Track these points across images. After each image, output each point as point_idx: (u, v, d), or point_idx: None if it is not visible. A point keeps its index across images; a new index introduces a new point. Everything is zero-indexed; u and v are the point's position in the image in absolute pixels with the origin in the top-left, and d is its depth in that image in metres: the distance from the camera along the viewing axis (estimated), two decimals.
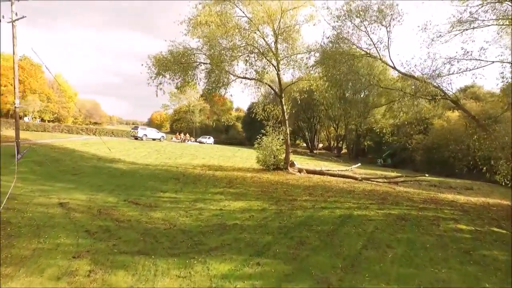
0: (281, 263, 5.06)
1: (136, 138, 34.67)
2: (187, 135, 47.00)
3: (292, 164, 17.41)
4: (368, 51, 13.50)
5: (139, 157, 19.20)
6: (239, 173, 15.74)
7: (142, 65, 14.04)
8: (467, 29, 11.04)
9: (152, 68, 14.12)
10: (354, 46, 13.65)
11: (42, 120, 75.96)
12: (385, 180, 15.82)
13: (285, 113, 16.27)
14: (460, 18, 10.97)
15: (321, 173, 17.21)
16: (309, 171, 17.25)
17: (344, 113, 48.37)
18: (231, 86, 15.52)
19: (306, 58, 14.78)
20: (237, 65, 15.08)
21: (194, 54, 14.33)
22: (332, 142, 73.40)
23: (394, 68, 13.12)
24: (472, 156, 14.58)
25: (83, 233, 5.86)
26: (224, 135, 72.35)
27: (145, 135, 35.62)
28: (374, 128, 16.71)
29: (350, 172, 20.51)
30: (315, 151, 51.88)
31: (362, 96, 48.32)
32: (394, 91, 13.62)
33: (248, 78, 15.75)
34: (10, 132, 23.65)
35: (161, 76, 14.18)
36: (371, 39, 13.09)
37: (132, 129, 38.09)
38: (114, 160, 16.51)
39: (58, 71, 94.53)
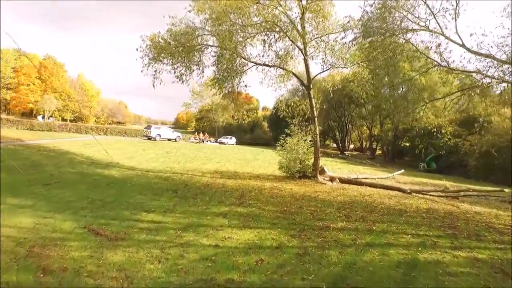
0: None
1: (149, 138, 33.07)
2: (206, 135, 45.03)
3: (322, 171, 14.66)
4: (426, 25, 10.48)
5: (143, 161, 17.16)
6: (256, 182, 13.23)
7: (137, 49, 11.89)
8: None
9: (147, 52, 11.88)
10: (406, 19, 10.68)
11: (63, 119, 77.37)
12: (442, 194, 12.72)
13: (314, 109, 13.56)
14: None
15: (358, 182, 14.35)
16: (343, 180, 14.44)
17: (382, 110, 44.59)
18: (245, 74, 13.02)
19: (342, 38, 11.99)
20: (253, 46, 12.49)
21: (200, 35, 11.94)
22: (364, 143, 69.61)
23: (463, 46, 10.01)
24: None
25: None
26: (249, 134, 70.68)
27: (159, 135, 33.95)
28: (430, 128, 13.59)
29: (392, 180, 17.47)
30: (346, 153, 48.31)
31: (400, 91, 44.71)
32: (466, 77, 10.58)
33: (268, 65, 13.19)
34: (10, 132, 22.62)
35: (157, 63, 11.92)
36: (429, 8, 10.11)
37: (144, 128, 36.52)
38: (109, 165, 14.50)
39: (80, 71, 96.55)
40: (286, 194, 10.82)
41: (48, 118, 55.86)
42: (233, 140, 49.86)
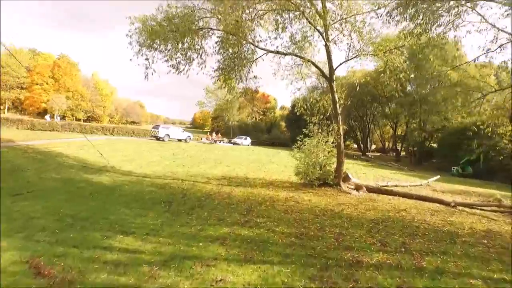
0: None
1: (157, 138, 31.85)
2: (219, 135, 43.60)
3: (346, 178, 12.82)
4: None
5: (143, 164, 15.76)
6: (269, 191, 11.53)
7: (127, 35, 10.38)
8: None
9: (137, 37, 10.36)
10: None
11: (77, 119, 77.91)
12: (496, 208, 10.63)
13: (338, 105, 11.73)
14: None
15: (388, 192, 12.41)
16: (371, 189, 12.54)
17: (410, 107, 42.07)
18: (255, 64, 11.30)
19: (371, 18, 10.12)
20: (263, 27, 10.70)
21: (201, 18, 10.32)
22: (386, 144, 66.85)
23: None
24: None
25: None
26: (266, 135, 69.30)
27: (167, 135, 32.66)
28: (479, 127, 11.47)
29: (427, 188, 15.43)
30: (369, 155, 45.89)
31: (427, 89, 42.01)
32: None
33: (282, 53, 11.44)
34: (7, 132, 21.75)
35: (149, 49, 10.38)
36: None
37: (152, 128, 35.29)
38: (102, 170, 13.13)
39: (94, 70, 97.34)
40: (304, 208, 9.07)
41: (58, 117, 55.64)
42: (248, 140, 48.23)
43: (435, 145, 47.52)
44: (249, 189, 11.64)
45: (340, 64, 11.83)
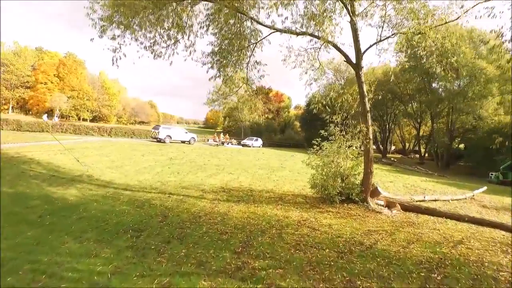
0: None
1: (158, 140, 29.94)
2: (227, 136, 41.50)
3: (375, 192, 10.47)
4: None
5: (131, 172, 13.78)
6: (277, 209, 9.31)
7: (85, 7, 8.24)
8: None
9: (100, 12, 8.23)
10: None
11: (83, 119, 77.31)
12: None
13: (367, 99, 9.38)
14: None
15: (429, 210, 10.04)
16: (406, 207, 10.18)
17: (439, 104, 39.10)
18: (260, 47, 9.07)
19: None
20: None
21: None
22: (407, 145, 63.90)
23: None
24: None
25: None
26: (279, 135, 67.35)
27: (169, 136, 30.69)
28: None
29: (473, 202, 12.99)
30: (393, 159, 43.03)
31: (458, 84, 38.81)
32: None
33: (293, 32, 9.15)
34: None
35: (118, 27, 8.24)
36: None
37: (152, 129, 33.35)
38: (75, 180, 11.16)
39: (102, 68, 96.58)
40: (322, 239, 6.79)
41: (56, 117, 54.31)
42: (259, 142, 46.02)
43: (460, 145, 44.46)
44: (252, 207, 9.43)
45: (371, 46, 9.40)
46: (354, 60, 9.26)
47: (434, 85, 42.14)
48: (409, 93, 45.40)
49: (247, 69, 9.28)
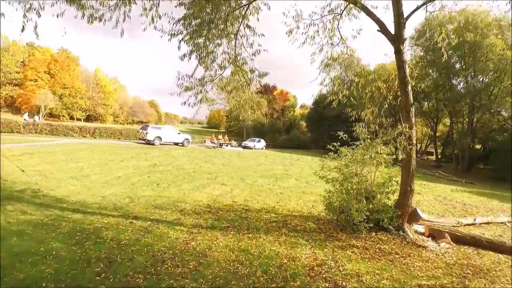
0: None
1: (148, 142, 27.47)
2: (226, 137, 38.97)
3: (414, 216, 7.93)
4: None
5: (98, 183, 11.37)
6: (280, 243, 6.79)
7: None
8: None
9: None
10: None
11: (77, 119, 75.27)
12: None
13: (409, 87, 6.84)
14: None
15: (494, 246, 7.48)
16: (457, 236, 7.65)
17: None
18: (255, 13, 6.51)
19: None
20: None
21: None
22: (418, 145, 61.28)
23: None
24: None
25: None
26: (284, 136, 65.14)
27: (159, 137, 28.17)
28: None
29: None
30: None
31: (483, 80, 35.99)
32: None
33: None
34: None
35: None
36: None
37: (140, 129, 30.78)
38: (11, 196, 8.68)
39: (97, 65, 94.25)
40: None
41: (37, 117, 51.59)
42: (262, 143, 43.46)
43: (477, 146, 41.65)
44: (245, 239, 6.91)
45: (418, 8, 6.76)
46: (394, 32, 6.68)
47: (453, 81, 39.33)
48: (424, 90, 42.68)
49: (235, 41, 6.72)
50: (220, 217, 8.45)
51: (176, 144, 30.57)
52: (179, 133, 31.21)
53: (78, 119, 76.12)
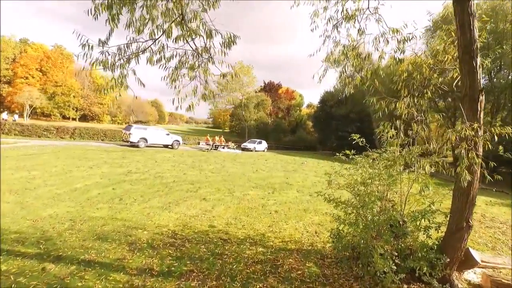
0: None
1: (132, 144, 25.13)
2: (222, 138, 36.57)
3: (467, 260, 5.51)
4: None
5: (42, 198, 9.15)
6: None
7: None
8: None
9: None
10: None
11: (73, 119, 73.45)
12: None
13: (478, 60, 4.42)
14: None
15: None
16: None
17: None
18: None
19: None
20: None
21: None
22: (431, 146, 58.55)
23: None
24: None
25: None
26: (290, 136, 62.98)
27: (144, 139, 25.78)
28: None
29: None
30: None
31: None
32: None
33: None
34: None
35: None
36: None
37: (123, 130, 28.24)
38: None
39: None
40: None
41: (17, 116, 49.28)
42: (263, 145, 41.07)
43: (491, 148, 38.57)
44: None
45: None
46: None
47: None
48: (441, 87, 39.88)
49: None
50: (184, 254, 6.12)
51: (166, 146, 28.33)
52: (168, 134, 28.71)
53: (73, 119, 74.37)
